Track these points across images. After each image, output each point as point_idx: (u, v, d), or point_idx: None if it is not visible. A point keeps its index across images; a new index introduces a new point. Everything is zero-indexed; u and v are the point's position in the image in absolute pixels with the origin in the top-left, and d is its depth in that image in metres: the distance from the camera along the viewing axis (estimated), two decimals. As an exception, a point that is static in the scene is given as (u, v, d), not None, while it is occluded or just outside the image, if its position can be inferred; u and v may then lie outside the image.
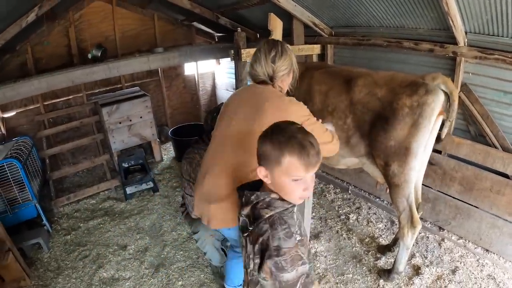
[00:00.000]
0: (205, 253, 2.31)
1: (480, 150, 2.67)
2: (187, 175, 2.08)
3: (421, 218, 2.28)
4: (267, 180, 1.10)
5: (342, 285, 2.48)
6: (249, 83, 1.79)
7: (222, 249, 2.38)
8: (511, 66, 2.38)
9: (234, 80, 3.12)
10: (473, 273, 2.56)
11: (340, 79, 2.44)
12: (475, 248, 2.79)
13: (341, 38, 3.44)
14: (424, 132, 2.05)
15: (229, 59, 2.93)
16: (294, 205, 1.15)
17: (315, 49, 3.38)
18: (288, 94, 1.76)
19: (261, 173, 1.09)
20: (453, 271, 2.57)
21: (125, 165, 3.79)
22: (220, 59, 5.35)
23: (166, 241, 3.00)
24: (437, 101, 2.00)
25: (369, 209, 3.41)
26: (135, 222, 3.25)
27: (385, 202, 3.43)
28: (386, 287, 2.43)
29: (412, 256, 2.70)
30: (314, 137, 1.05)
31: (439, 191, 2.93)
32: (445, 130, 2.17)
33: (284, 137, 1.02)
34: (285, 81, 1.65)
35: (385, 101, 2.14)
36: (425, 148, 2.14)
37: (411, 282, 2.46)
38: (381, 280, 2.48)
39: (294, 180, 1.04)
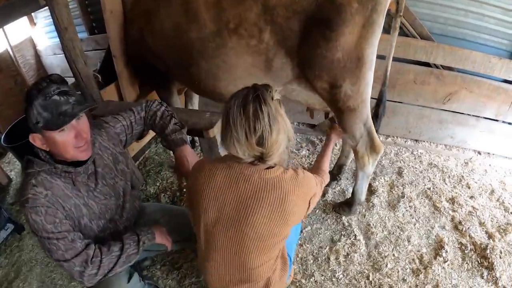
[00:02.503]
0: None
1: (399, 42, 2.38)
2: (43, 231, 1.10)
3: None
4: None
5: (308, 244, 2.05)
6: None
7: (148, 280, 1.65)
8: None
9: (58, 39, 1.87)
10: (416, 168, 2.54)
11: None
12: (405, 141, 2.79)
13: None
14: (378, 33, 1.54)
15: (44, 13, 1.71)
16: None
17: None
18: None
19: None
20: (399, 173, 2.49)
21: None
22: (33, 16, 4.06)
23: (71, 297, 1.92)
24: None
25: (283, 138, 2.98)
26: (20, 291, 2.00)
27: (295, 123, 3.03)
28: (352, 222, 2.16)
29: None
30: None
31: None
32: (395, 34, 1.71)
33: None
34: (282, 157, 1.10)
35: (322, -3, 1.47)
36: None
37: (371, 204, 2.25)
38: (343, 217, 2.19)
39: None
